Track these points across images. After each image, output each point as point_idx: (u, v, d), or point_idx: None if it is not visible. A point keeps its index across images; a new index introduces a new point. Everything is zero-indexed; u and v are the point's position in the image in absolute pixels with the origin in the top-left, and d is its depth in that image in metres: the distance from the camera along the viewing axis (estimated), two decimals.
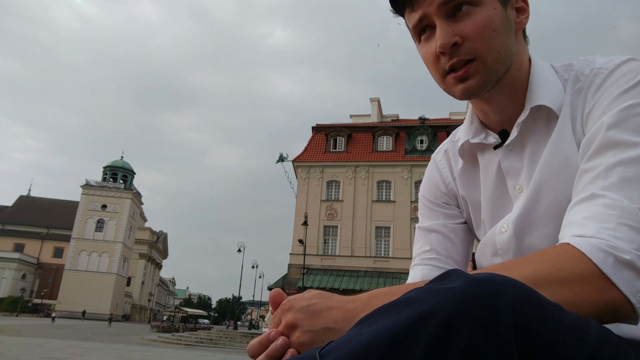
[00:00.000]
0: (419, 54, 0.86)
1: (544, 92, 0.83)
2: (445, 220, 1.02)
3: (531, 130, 0.85)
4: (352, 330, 0.49)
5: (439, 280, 0.49)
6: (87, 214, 67.69)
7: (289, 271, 31.19)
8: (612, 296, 0.57)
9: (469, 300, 0.43)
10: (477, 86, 0.79)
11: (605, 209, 0.64)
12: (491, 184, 0.92)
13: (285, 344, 0.57)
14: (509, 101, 0.86)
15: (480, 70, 0.78)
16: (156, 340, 23.67)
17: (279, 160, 33.59)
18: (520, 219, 0.84)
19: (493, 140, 0.90)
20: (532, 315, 0.45)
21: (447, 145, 1.05)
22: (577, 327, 0.49)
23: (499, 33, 0.78)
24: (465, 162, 0.98)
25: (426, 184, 1.08)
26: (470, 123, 0.94)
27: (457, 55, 0.77)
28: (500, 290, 0.44)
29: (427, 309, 0.44)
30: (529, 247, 0.84)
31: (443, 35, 0.76)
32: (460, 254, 1.01)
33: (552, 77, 0.85)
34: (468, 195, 0.99)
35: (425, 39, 0.81)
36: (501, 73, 0.80)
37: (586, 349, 0.47)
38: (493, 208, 0.92)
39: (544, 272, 0.57)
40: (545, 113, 0.83)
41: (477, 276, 0.46)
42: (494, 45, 0.77)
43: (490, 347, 0.41)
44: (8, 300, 62.77)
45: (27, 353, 11.46)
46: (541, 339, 0.44)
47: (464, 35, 0.76)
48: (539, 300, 0.47)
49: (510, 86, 0.84)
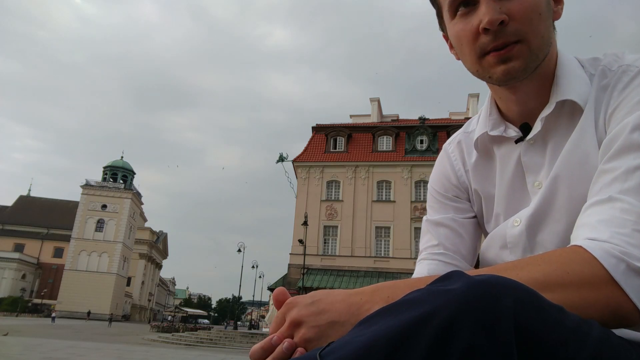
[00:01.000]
0: (449, 32, 0.83)
1: (571, 86, 0.80)
2: (455, 214, 0.99)
3: (555, 125, 0.82)
4: (353, 330, 0.49)
5: (440, 282, 0.48)
6: (87, 214, 67.70)
7: (289, 271, 31.18)
8: (619, 303, 0.56)
9: (470, 302, 0.43)
10: (520, 69, 0.76)
11: (621, 213, 0.62)
12: (508, 178, 0.89)
13: (291, 346, 0.56)
14: (534, 93, 0.83)
15: (524, 53, 0.75)
16: (156, 340, 23.67)
17: (279, 160, 33.61)
18: (535, 215, 0.83)
19: (514, 134, 0.87)
20: (533, 317, 0.44)
21: (461, 137, 1.02)
22: (579, 329, 0.48)
23: (544, 18, 0.76)
24: (480, 155, 0.95)
25: (436, 176, 1.05)
26: (489, 114, 0.91)
27: (503, 35, 0.74)
28: (501, 292, 0.44)
29: (428, 311, 0.44)
30: (538, 243, 0.84)
31: (491, 11, 0.72)
32: (468, 249, 0.99)
33: (579, 70, 0.82)
34: (482, 189, 0.97)
35: (462, 15, 0.78)
36: (541, 59, 0.77)
37: (587, 350, 0.47)
38: (509, 202, 0.90)
39: (553, 275, 0.56)
40: (570, 108, 0.81)
41: (477, 278, 0.46)
42: (539, 29, 0.75)
43: (491, 348, 0.41)
44: (8, 300, 62.74)
45: (27, 353, 11.46)
46: (542, 340, 0.44)
47: (512, 15, 0.73)
48: (540, 302, 0.47)
49: (539, 76, 0.81)
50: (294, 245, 30.81)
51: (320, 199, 32.53)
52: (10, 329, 20.73)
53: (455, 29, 0.79)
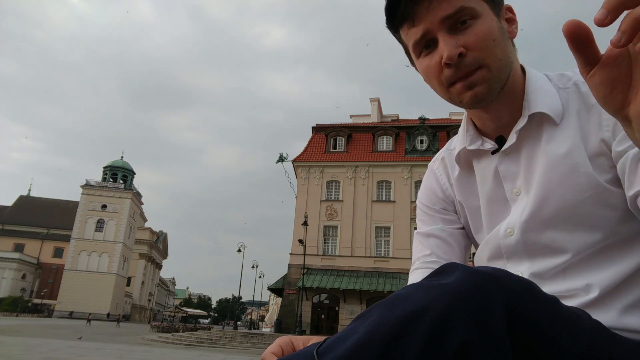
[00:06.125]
0: (418, 68, 0.89)
1: (541, 100, 0.85)
2: (443, 225, 1.05)
3: (527, 136, 0.87)
4: (349, 326, 0.50)
5: (434, 276, 0.49)
6: (87, 214, 67.66)
7: (289, 271, 31.17)
8: None
9: (463, 296, 0.44)
10: (485, 92, 0.81)
11: None
12: (488, 189, 0.94)
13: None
14: (506, 108, 0.88)
15: (486, 77, 0.80)
16: (156, 340, 23.67)
17: (279, 160, 33.60)
18: (528, 223, 0.86)
19: (490, 146, 0.92)
20: (528, 309, 0.45)
21: (444, 154, 1.08)
22: (573, 320, 0.49)
23: (499, 42, 0.81)
24: (462, 169, 1.00)
25: (424, 192, 1.11)
26: (466, 131, 0.96)
27: (464, 66, 0.79)
28: (495, 285, 0.45)
29: (421, 306, 0.44)
30: (536, 250, 0.86)
31: (449, 47, 0.78)
32: (459, 257, 1.03)
33: (547, 85, 0.88)
34: (465, 201, 1.01)
35: (426, 54, 0.83)
36: (504, 80, 0.83)
37: (582, 340, 0.48)
38: (491, 212, 0.94)
39: None
40: (540, 119, 0.86)
41: (471, 270, 0.46)
42: (496, 54, 0.80)
43: (485, 343, 0.42)
44: (8, 300, 62.73)
45: (27, 353, 11.45)
46: (537, 331, 0.45)
47: (468, 46, 0.78)
48: (534, 293, 0.47)
49: (508, 94, 0.86)
50: (294, 245, 30.80)
51: (320, 199, 32.52)
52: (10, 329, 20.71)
53: (422, 66, 0.85)
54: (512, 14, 0.88)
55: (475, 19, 0.79)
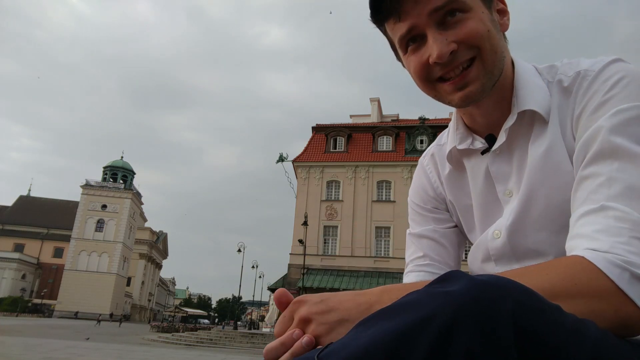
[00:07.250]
0: (404, 64, 0.84)
1: (531, 96, 0.82)
2: (435, 226, 1.02)
3: (518, 134, 0.84)
4: (351, 332, 0.48)
5: (438, 283, 0.48)
6: (87, 214, 67.70)
7: (289, 271, 31.17)
8: (628, 312, 0.56)
9: (469, 305, 0.43)
10: (477, 92, 0.78)
11: (616, 222, 0.62)
12: (480, 189, 0.92)
13: (311, 342, 0.55)
14: (496, 105, 0.85)
15: (480, 74, 0.77)
16: (156, 340, 23.66)
17: (279, 160, 33.60)
18: (514, 225, 0.84)
19: (480, 145, 0.89)
20: (533, 319, 0.44)
21: (434, 149, 1.05)
22: (577, 329, 0.48)
23: (493, 34, 0.77)
24: (453, 167, 0.97)
25: (415, 189, 1.08)
26: (456, 128, 0.93)
27: (455, 62, 0.76)
28: (500, 294, 0.44)
29: (427, 314, 0.43)
30: (523, 253, 0.85)
31: (439, 45, 0.74)
32: (453, 258, 1.01)
33: (537, 79, 0.84)
34: (455, 200, 0.99)
35: (413, 50, 0.79)
36: (497, 76, 0.79)
37: (586, 350, 0.47)
38: (484, 212, 0.92)
39: (560, 285, 0.56)
40: (531, 116, 0.82)
41: (477, 279, 0.45)
42: (488, 49, 0.76)
43: (491, 353, 0.41)
44: (8, 300, 62.72)
45: (27, 353, 11.45)
46: (542, 341, 0.44)
47: (460, 41, 0.75)
48: (539, 303, 0.47)
49: (498, 90, 0.82)
50: (294, 245, 30.81)
51: (320, 199, 32.52)
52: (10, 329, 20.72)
53: (409, 63, 0.81)
54: (504, 4, 0.84)
55: (465, 12, 0.75)
